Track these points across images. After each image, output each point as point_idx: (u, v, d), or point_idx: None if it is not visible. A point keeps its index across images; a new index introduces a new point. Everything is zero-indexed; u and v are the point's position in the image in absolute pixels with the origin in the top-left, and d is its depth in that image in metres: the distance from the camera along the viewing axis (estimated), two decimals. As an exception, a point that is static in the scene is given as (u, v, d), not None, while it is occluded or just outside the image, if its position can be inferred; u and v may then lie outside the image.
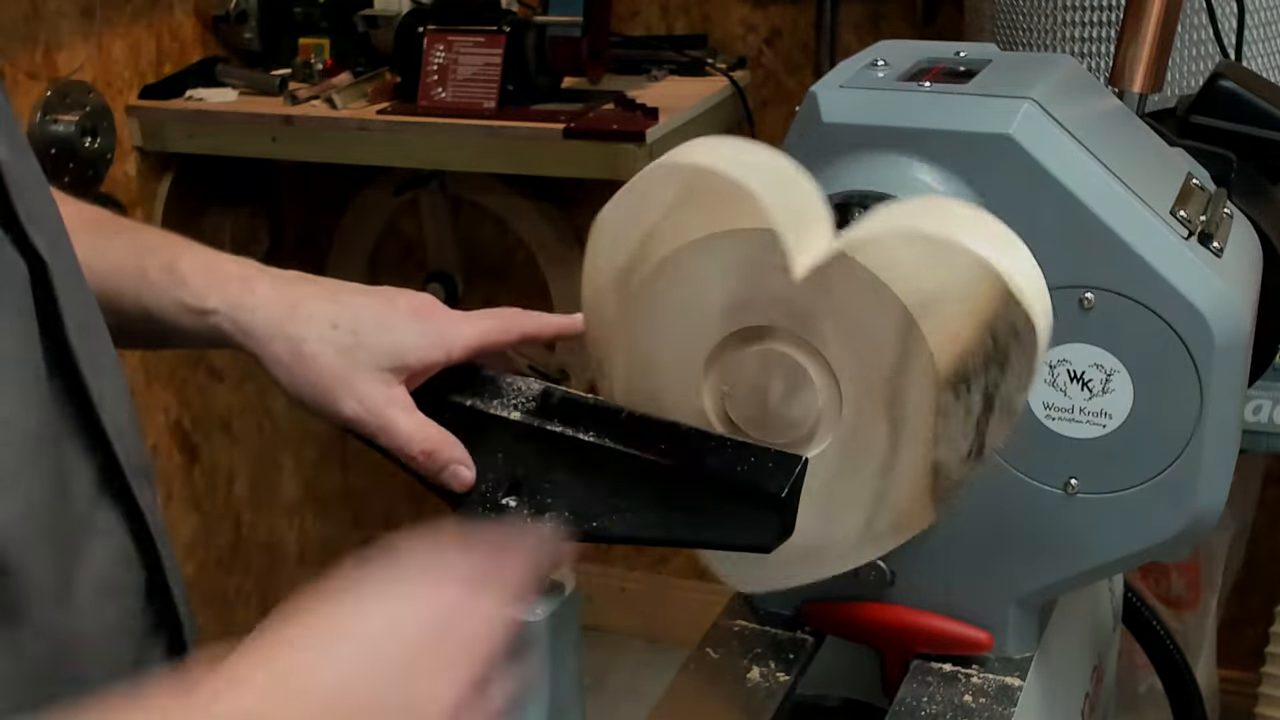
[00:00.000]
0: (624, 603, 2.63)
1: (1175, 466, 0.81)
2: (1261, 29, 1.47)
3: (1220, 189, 0.92)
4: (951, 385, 0.69)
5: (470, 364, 0.79)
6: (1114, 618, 1.13)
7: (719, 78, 2.14)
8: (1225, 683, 2.09)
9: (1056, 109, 0.81)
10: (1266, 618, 1.93)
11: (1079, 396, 0.82)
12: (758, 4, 2.21)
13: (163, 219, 2.18)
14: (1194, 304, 0.78)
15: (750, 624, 0.96)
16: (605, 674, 2.47)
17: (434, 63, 2.00)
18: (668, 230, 0.72)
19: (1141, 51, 1.08)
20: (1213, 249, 0.81)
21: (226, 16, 2.21)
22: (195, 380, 2.37)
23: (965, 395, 0.69)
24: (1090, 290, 0.80)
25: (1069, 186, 0.79)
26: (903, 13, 2.14)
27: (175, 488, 2.34)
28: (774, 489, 0.69)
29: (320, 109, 2.04)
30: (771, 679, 0.90)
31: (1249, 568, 2.15)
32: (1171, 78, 1.42)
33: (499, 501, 0.75)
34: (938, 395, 0.69)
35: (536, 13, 2.01)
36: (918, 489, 0.72)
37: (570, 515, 0.74)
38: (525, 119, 1.94)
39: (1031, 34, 1.55)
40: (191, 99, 2.13)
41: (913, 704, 0.87)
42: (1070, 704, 0.98)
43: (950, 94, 0.84)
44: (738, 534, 0.71)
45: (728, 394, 0.75)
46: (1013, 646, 0.90)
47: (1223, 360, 0.79)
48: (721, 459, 0.71)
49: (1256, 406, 1.43)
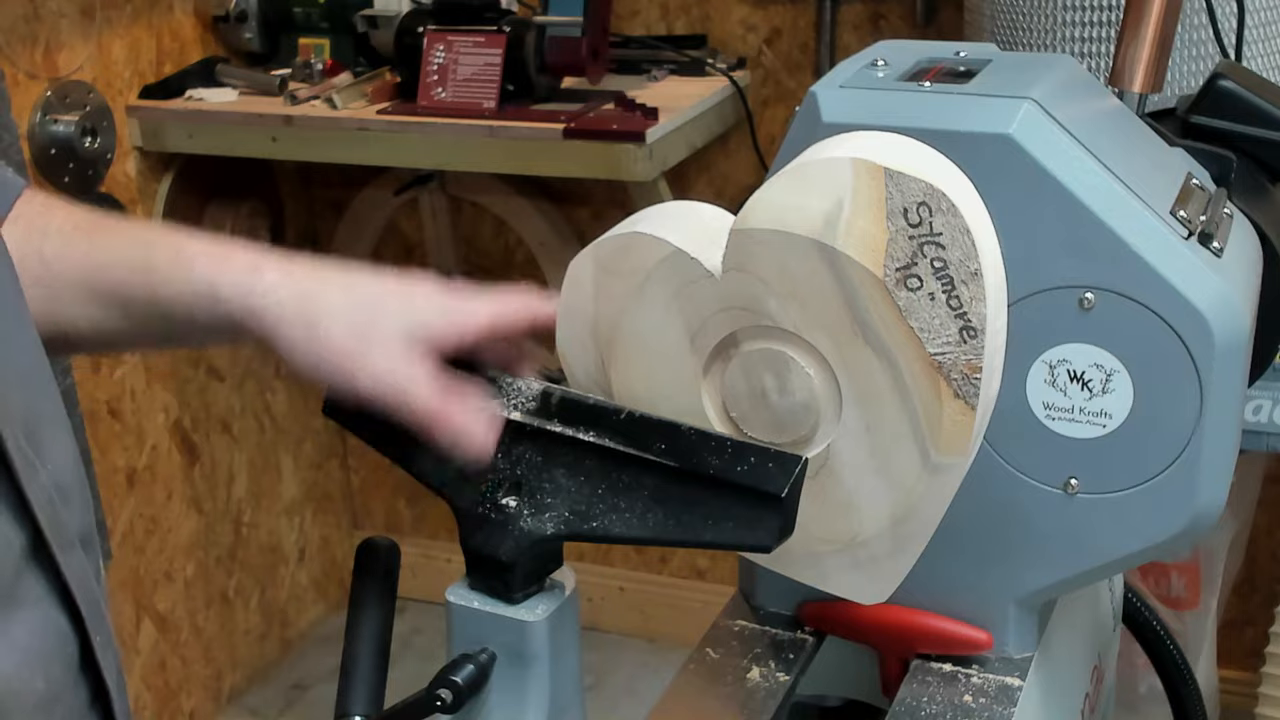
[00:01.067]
0: (624, 603, 2.64)
1: (1175, 466, 0.81)
2: (1261, 29, 1.47)
3: (1220, 189, 0.92)
4: (900, 282, 0.68)
5: (472, 363, 0.79)
6: (1114, 618, 1.13)
7: (719, 78, 2.14)
8: (1225, 683, 2.09)
9: (1056, 109, 0.81)
10: (1266, 618, 1.93)
11: (1079, 396, 0.82)
12: (758, 4, 2.22)
13: (163, 219, 2.18)
14: (1194, 304, 0.78)
15: (750, 624, 0.96)
16: (605, 674, 2.47)
17: (434, 63, 2.00)
18: (604, 309, 0.77)
19: (1141, 51, 1.08)
20: (1213, 249, 0.81)
21: (226, 16, 2.21)
22: (195, 380, 2.37)
23: (919, 285, 0.68)
24: (1090, 290, 0.80)
25: (1069, 186, 0.79)
26: (903, 13, 2.14)
27: (175, 488, 2.34)
28: (774, 489, 0.69)
29: (320, 109, 2.04)
30: (771, 679, 0.90)
31: (1249, 568, 2.15)
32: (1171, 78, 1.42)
33: (499, 501, 0.75)
34: (893, 297, 0.69)
35: (536, 13, 2.01)
36: (941, 396, 0.70)
37: (570, 515, 0.74)
38: (525, 119, 1.94)
39: (1031, 34, 1.55)
40: (191, 99, 2.13)
41: (913, 704, 0.87)
42: (1070, 704, 0.98)
43: (950, 94, 0.84)
44: (738, 534, 0.71)
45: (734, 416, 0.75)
46: (1013, 646, 0.90)
47: (1223, 360, 0.79)
48: (721, 459, 0.71)
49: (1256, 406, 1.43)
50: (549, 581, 0.77)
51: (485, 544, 0.75)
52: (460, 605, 0.76)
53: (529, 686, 0.76)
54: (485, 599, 0.76)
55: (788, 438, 0.73)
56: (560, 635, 0.76)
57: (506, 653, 0.76)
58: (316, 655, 2.65)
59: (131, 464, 2.24)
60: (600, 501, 0.73)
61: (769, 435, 0.74)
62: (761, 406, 0.74)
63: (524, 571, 0.75)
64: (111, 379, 2.17)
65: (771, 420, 0.74)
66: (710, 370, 0.74)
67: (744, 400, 0.74)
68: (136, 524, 2.26)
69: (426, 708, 0.75)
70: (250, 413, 2.51)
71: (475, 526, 0.76)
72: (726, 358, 0.74)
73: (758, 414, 0.74)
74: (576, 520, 0.74)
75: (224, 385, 2.44)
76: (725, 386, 0.74)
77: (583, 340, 0.79)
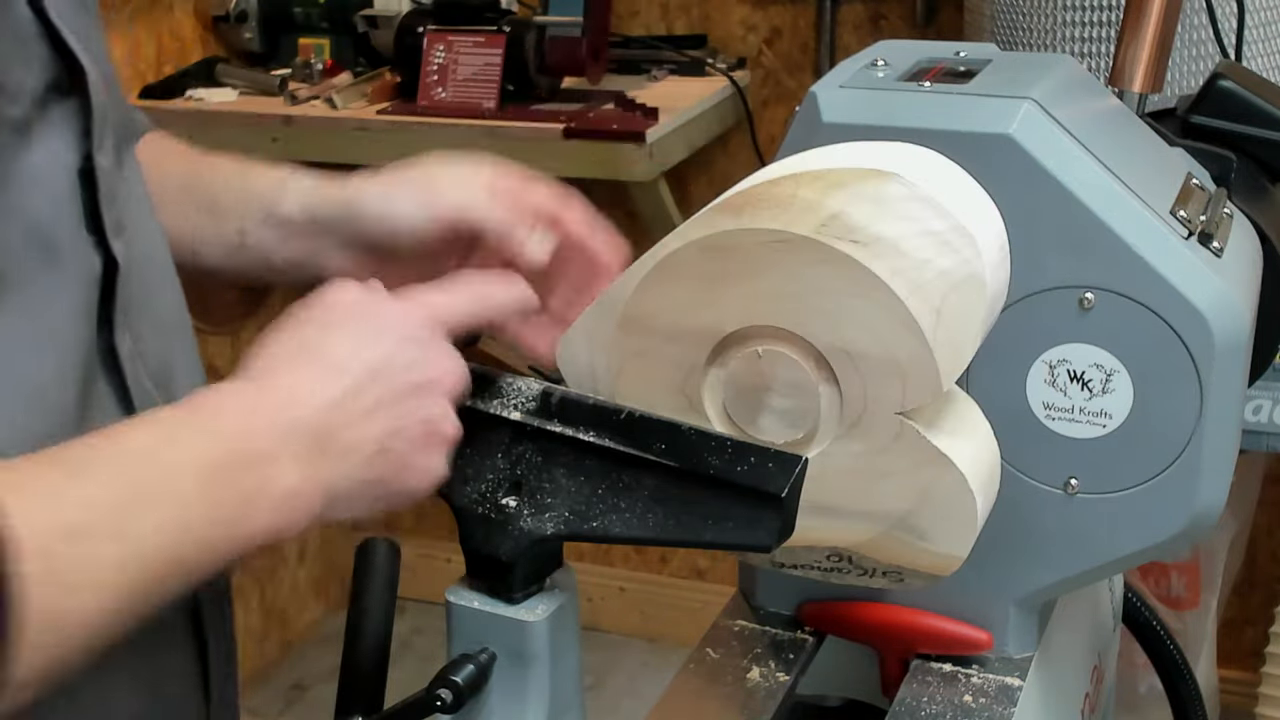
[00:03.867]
0: (624, 603, 2.64)
1: (1175, 466, 0.81)
2: (1261, 29, 1.48)
3: (1220, 189, 0.92)
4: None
5: (470, 364, 0.79)
6: (1114, 618, 1.13)
7: (719, 78, 2.14)
8: (1225, 683, 2.09)
9: (1056, 109, 0.81)
10: (1266, 618, 1.93)
11: (1079, 396, 0.82)
12: (758, 4, 2.22)
13: (163, 219, 2.18)
14: (1194, 304, 0.78)
15: (750, 624, 0.96)
16: (605, 674, 2.47)
17: (434, 63, 2.00)
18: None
19: (1141, 51, 1.08)
20: (1213, 249, 0.81)
21: (226, 16, 2.21)
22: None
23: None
24: (1090, 290, 0.80)
25: (1069, 186, 0.79)
26: (903, 13, 2.15)
27: (175, 488, 2.34)
28: (774, 489, 0.69)
29: (320, 109, 2.04)
30: (771, 679, 0.90)
31: (1249, 568, 2.15)
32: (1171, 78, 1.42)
33: (499, 501, 0.75)
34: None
35: (536, 13, 2.01)
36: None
37: (570, 515, 0.74)
38: (525, 119, 1.94)
39: (1031, 34, 1.55)
40: (191, 99, 2.13)
41: (913, 704, 0.87)
42: (1070, 704, 0.98)
43: (950, 94, 0.84)
44: (738, 534, 0.70)
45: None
46: (1013, 646, 0.90)
47: (1223, 360, 0.79)
48: (721, 459, 0.71)
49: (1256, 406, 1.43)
50: (549, 581, 0.77)
51: (485, 544, 0.75)
52: (460, 605, 0.76)
53: (529, 686, 0.76)
54: (485, 599, 0.76)
55: (788, 438, 0.73)
56: (560, 635, 0.76)
57: (506, 653, 0.76)
58: (316, 655, 2.65)
59: (131, 464, 2.23)
60: (600, 501, 0.73)
61: (769, 435, 0.74)
62: (761, 406, 0.73)
63: (524, 571, 0.75)
64: (111, 379, 2.17)
65: (771, 420, 0.73)
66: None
67: (744, 400, 0.74)
68: (136, 524, 2.26)
69: (426, 708, 0.75)
70: (250, 413, 2.51)
71: (475, 526, 0.76)
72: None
73: (757, 414, 0.74)
74: (576, 520, 0.74)
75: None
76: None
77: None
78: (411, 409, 0.69)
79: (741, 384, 0.74)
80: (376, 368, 0.68)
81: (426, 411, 0.70)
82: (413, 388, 0.70)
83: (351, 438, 0.67)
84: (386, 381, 0.69)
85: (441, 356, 0.72)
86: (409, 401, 0.69)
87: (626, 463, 0.73)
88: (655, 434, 0.73)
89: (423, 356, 0.71)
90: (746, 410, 0.74)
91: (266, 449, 0.64)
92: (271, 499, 0.64)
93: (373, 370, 0.68)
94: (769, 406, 0.73)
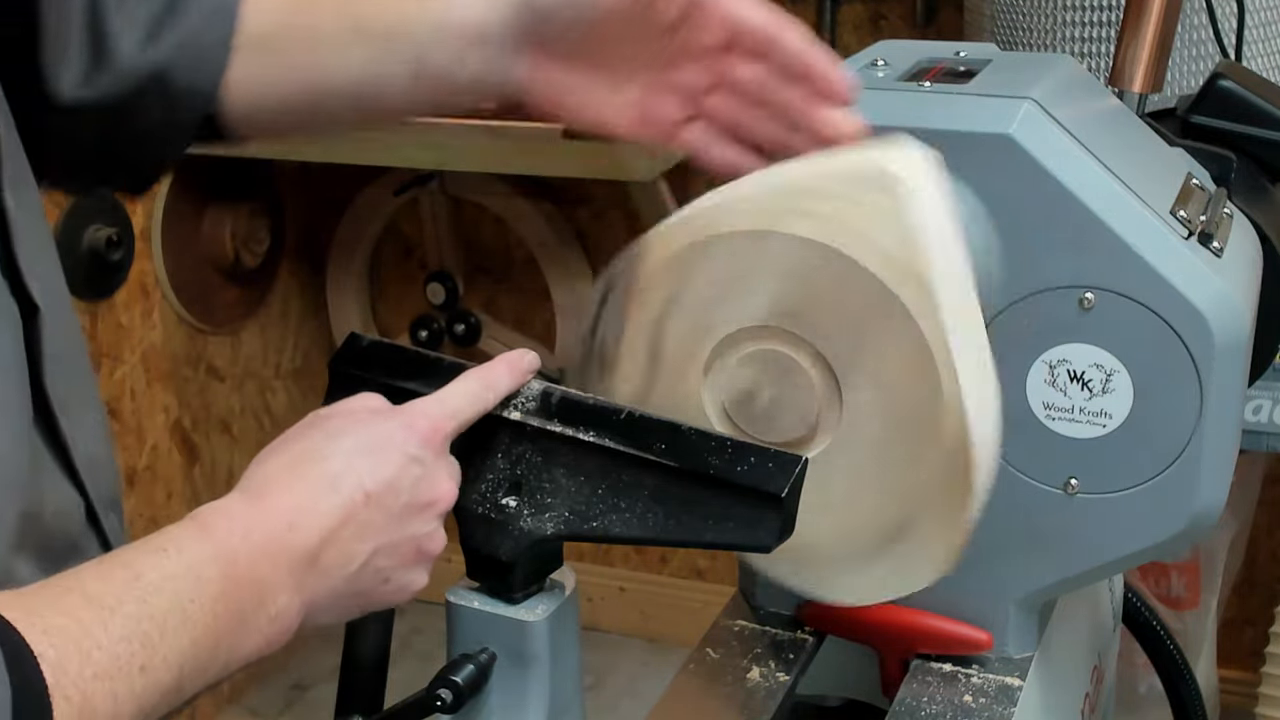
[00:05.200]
0: (624, 603, 2.63)
1: (1175, 466, 0.81)
2: (1261, 29, 1.47)
3: (1220, 189, 0.92)
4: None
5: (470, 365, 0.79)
6: (1114, 618, 1.13)
7: (719, 78, 2.14)
8: (1225, 683, 2.09)
9: (1056, 109, 0.81)
10: (1266, 618, 1.93)
11: (1079, 396, 0.82)
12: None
13: (163, 219, 2.18)
14: (1194, 304, 0.78)
15: (750, 624, 0.96)
16: (605, 674, 2.47)
17: (434, 63, 2.00)
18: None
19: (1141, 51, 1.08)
20: (1213, 249, 0.81)
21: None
22: (195, 380, 2.37)
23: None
24: (1090, 290, 0.80)
25: (1069, 186, 0.79)
26: (903, 13, 2.14)
27: (175, 488, 2.34)
28: (774, 489, 0.69)
29: (320, 109, 2.04)
30: (771, 679, 0.90)
31: (1249, 568, 2.15)
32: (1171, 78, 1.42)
33: (499, 501, 0.75)
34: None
35: (536, 13, 2.00)
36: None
37: (570, 515, 0.74)
38: (525, 118, 1.94)
39: (1031, 34, 1.55)
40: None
41: (913, 704, 0.87)
42: (1070, 704, 0.98)
43: (950, 94, 0.84)
44: (738, 534, 0.71)
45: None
46: (1013, 646, 0.90)
47: (1223, 360, 0.79)
48: (721, 459, 0.71)
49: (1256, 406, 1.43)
50: (549, 581, 0.77)
51: (485, 544, 0.75)
52: (460, 605, 0.76)
53: (529, 686, 0.76)
54: (485, 599, 0.76)
55: (788, 437, 0.73)
56: (560, 635, 0.76)
57: (506, 653, 0.76)
58: (316, 655, 2.64)
59: (131, 464, 2.23)
60: (600, 501, 0.73)
61: (769, 435, 0.74)
62: (761, 407, 0.74)
63: (524, 571, 0.75)
64: (111, 379, 2.17)
65: (771, 420, 0.74)
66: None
67: (744, 400, 0.74)
68: (136, 524, 2.26)
69: (426, 708, 0.75)
70: (250, 413, 2.51)
71: (475, 526, 0.76)
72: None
73: (757, 414, 0.74)
74: (576, 520, 0.74)
75: (224, 385, 2.44)
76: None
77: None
78: (404, 529, 0.69)
79: (742, 384, 0.74)
80: (377, 491, 0.68)
81: (418, 530, 0.70)
82: (410, 510, 0.69)
83: (341, 556, 0.67)
84: (385, 505, 0.68)
85: (441, 478, 0.71)
86: (403, 522, 0.69)
87: (626, 463, 0.73)
88: (655, 434, 0.73)
89: (424, 477, 0.70)
90: (746, 410, 0.74)
91: (266, 576, 0.64)
92: (262, 621, 0.64)
93: (372, 494, 0.68)
94: (769, 406, 0.73)
